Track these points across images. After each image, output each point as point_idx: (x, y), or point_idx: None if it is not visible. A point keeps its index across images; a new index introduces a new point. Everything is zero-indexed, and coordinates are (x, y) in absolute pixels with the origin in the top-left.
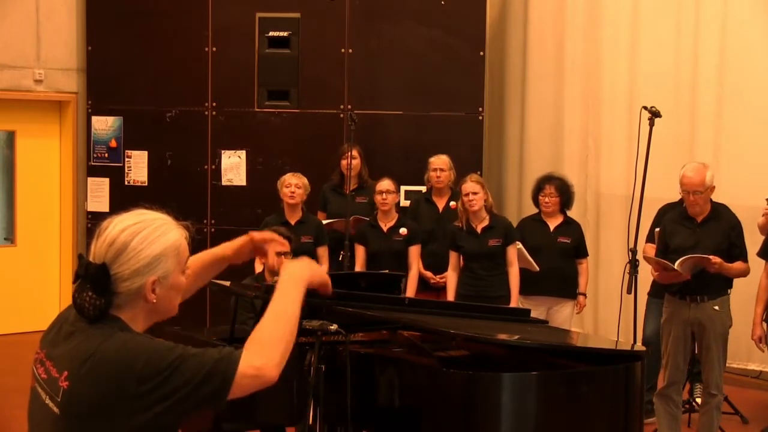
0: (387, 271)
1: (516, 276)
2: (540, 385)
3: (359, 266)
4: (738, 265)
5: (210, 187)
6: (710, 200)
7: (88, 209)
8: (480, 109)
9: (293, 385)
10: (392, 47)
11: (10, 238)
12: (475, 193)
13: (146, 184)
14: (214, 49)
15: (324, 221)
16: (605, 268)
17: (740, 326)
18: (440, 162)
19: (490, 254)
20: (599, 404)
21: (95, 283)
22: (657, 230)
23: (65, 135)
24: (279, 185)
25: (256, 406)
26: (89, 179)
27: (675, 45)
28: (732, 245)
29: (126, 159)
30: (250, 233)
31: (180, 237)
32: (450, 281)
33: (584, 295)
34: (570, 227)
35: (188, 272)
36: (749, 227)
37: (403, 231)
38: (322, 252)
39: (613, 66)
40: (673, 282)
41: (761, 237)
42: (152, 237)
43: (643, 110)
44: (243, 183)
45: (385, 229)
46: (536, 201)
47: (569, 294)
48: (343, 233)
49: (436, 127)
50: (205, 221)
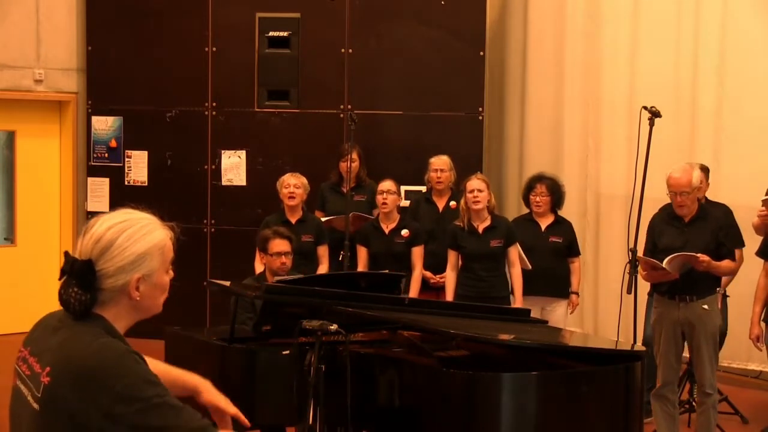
0: (387, 271)
1: (519, 277)
2: (540, 385)
3: (361, 267)
4: (726, 264)
5: (210, 187)
6: (698, 200)
7: (88, 209)
8: (480, 109)
9: (293, 385)
10: (392, 47)
11: (10, 238)
12: (480, 191)
13: (146, 184)
14: (214, 49)
15: (323, 219)
16: (605, 268)
17: (739, 326)
18: (441, 162)
19: (491, 255)
20: (599, 404)
21: (81, 279)
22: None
23: (65, 135)
24: (278, 186)
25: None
26: (89, 179)
27: (675, 45)
28: (720, 244)
29: (126, 159)
30: (204, 390)
31: (165, 237)
32: (449, 280)
33: (577, 294)
34: (561, 226)
35: (171, 273)
36: (749, 227)
37: (405, 232)
38: (323, 251)
39: (613, 66)
40: (662, 281)
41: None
42: (138, 235)
43: (643, 110)
44: (243, 183)
45: (387, 231)
46: (527, 201)
47: (562, 293)
48: (343, 231)
49: (436, 127)
50: (205, 221)
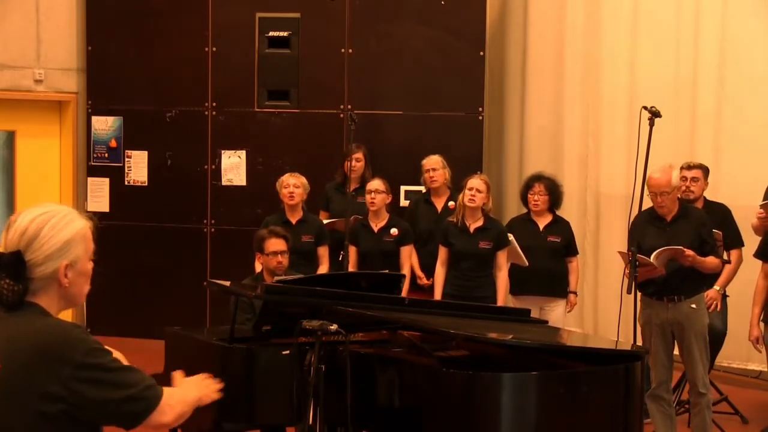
0: (387, 272)
1: (504, 281)
2: (540, 385)
3: (351, 266)
4: (711, 260)
5: (210, 187)
6: (677, 199)
7: (88, 209)
8: (480, 109)
9: (293, 385)
10: (392, 47)
11: None
12: (479, 191)
13: (146, 184)
14: (214, 49)
15: (325, 221)
16: (605, 268)
17: (739, 326)
18: (432, 162)
19: (479, 255)
20: (599, 404)
21: (11, 270)
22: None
23: (65, 135)
24: (278, 186)
25: (256, 406)
26: (89, 179)
27: (675, 45)
28: (703, 242)
29: (126, 159)
30: None
31: (86, 225)
32: (438, 276)
33: (575, 294)
34: (559, 226)
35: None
36: (749, 227)
37: (394, 231)
38: (323, 251)
39: (613, 66)
40: (648, 278)
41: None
42: (61, 224)
43: (643, 110)
44: (243, 183)
45: (376, 230)
46: (525, 200)
47: (560, 293)
48: (344, 233)
49: (436, 127)
50: (205, 221)
